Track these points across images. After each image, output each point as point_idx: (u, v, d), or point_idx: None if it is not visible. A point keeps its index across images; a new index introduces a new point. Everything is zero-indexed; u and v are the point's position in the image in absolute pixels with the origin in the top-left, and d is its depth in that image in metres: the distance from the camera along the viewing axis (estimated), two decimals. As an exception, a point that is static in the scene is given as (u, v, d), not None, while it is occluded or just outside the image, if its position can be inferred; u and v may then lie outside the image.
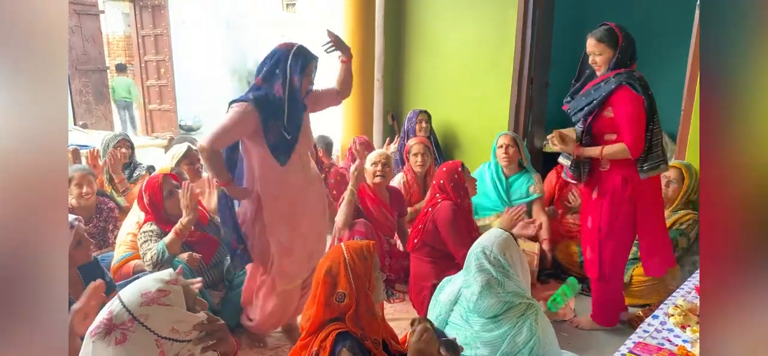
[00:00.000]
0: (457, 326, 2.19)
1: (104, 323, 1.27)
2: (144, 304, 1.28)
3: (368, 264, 1.81)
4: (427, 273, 3.00)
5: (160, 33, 9.25)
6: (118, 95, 9.70)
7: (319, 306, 1.79)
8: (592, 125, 2.65)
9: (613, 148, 2.59)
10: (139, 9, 9.23)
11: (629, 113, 2.53)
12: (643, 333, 2.04)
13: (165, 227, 2.69)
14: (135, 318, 1.26)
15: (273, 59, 2.41)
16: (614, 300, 2.90)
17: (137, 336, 1.26)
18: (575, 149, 2.70)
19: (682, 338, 2.01)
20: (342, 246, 1.84)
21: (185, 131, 10.33)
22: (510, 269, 2.11)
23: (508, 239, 2.18)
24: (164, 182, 2.76)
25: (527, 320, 2.05)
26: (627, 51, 2.57)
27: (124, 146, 3.81)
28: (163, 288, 1.32)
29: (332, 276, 1.79)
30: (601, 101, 2.57)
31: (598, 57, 2.61)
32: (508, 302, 2.10)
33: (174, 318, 1.31)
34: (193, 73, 10.98)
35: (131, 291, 1.32)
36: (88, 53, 8.92)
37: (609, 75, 2.57)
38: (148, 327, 1.27)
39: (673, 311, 2.16)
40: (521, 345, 2.04)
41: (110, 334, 1.25)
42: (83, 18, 8.82)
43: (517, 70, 4.38)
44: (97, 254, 2.57)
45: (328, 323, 1.78)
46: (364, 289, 1.78)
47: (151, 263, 2.55)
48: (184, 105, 10.18)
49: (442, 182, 3.02)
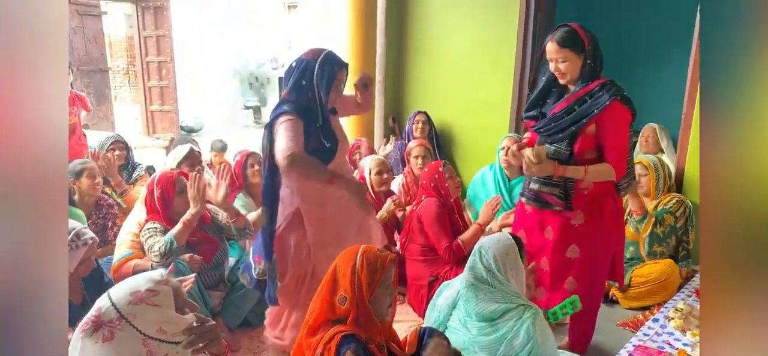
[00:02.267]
0: (456, 330, 2.18)
1: (92, 320, 1.27)
2: (132, 303, 1.28)
3: (376, 277, 1.76)
4: (421, 271, 3.08)
5: (162, 34, 9.26)
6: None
7: (323, 303, 1.76)
8: (574, 145, 2.31)
9: (599, 168, 2.29)
10: (142, 10, 9.24)
11: (619, 130, 2.28)
12: (644, 337, 2.04)
13: (167, 225, 2.70)
14: (122, 316, 1.26)
15: (299, 69, 2.30)
16: (591, 326, 2.66)
17: (124, 334, 1.26)
18: (556, 170, 2.31)
19: (683, 341, 2.01)
20: (359, 249, 1.79)
21: (186, 132, 10.34)
22: (500, 276, 2.08)
23: (508, 247, 2.14)
24: (178, 179, 2.78)
25: (525, 323, 2.03)
26: (597, 56, 2.28)
27: (118, 148, 3.82)
28: (153, 287, 1.32)
29: (338, 276, 1.76)
30: (591, 117, 2.24)
31: (561, 64, 2.28)
32: (503, 301, 2.09)
33: (162, 319, 1.30)
34: (195, 74, 11.01)
35: (121, 289, 1.32)
36: (90, 54, 8.93)
37: (592, 87, 2.26)
38: (135, 326, 1.26)
39: (673, 314, 2.16)
40: (519, 348, 2.02)
41: (98, 331, 1.25)
42: (85, 19, 8.83)
43: (519, 74, 4.38)
44: (100, 257, 2.57)
45: (332, 324, 1.76)
46: (363, 301, 1.74)
47: (158, 255, 2.54)
48: (185, 106, 10.19)
49: (424, 182, 3.14)
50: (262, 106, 12.85)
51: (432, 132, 4.73)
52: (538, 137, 2.43)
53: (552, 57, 2.31)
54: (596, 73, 2.28)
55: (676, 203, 3.26)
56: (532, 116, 2.44)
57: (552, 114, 2.34)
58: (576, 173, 2.30)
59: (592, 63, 2.26)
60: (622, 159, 2.29)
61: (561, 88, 2.37)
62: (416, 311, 3.09)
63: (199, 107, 11.13)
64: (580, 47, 2.26)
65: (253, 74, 13.21)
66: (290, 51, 12.99)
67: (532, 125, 2.44)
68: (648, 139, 4.41)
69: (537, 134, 2.43)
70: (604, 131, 2.27)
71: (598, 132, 2.28)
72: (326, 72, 2.27)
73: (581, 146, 2.30)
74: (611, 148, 2.27)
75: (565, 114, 2.30)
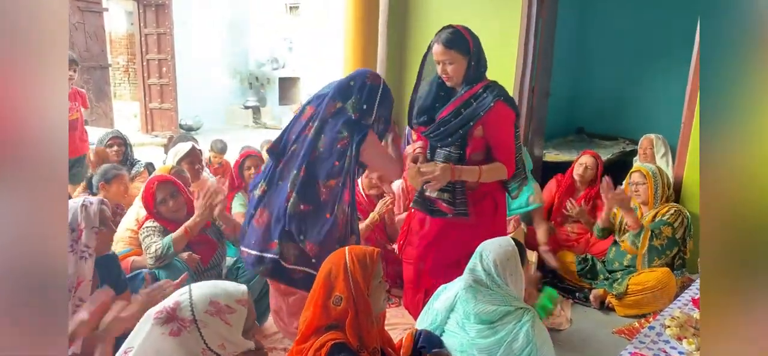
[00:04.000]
0: (453, 333, 2.18)
1: (168, 311, 1.32)
2: (209, 312, 1.33)
3: (369, 272, 1.78)
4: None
5: (163, 32, 9.28)
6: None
7: (316, 308, 1.76)
8: (466, 149, 2.34)
9: (492, 167, 2.34)
10: (143, 7, 9.26)
11: (504, 130, 2.33)
12: (639, 344, 2.04)
13: (167, 225, 2.69)
14: (195, 321, 1.31)
15: (364, 93, 2.31)
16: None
17: (190, 336, 1.30)
18: (452, 173, 2.31)
19: (678, 349, 2.02)
20: (345, 250, 1.81)
21: (185, 130, 10.33)
22: (500, 280, 2.08)
23: (510, 252, 2.14)
24: (158, 189, 2.72)
25: (524, 326, 2.03)
26: (481, 58, 2.33)
27: (117, 144, 3.81)
28: (232, 305, 1.36)
29: (331, 279, 1.76)
30: (477, 119, 2.28)
31: (449, 66, 2.31)
32: (501, 304, 2.08)
33: (228, 337, 1.35)
34: (195, 72, 11.00)
35: (203, 291, 1.36)
36: (90, 50, 8.94)
37: (476, 89, 2.30)
38: (203, 335, 1.31)
39: (669, 322, 2.16)
40: (517, 351, 2.02)
41: (169, 323, 1.30)
42: (87, 15, 8.84)
43: (519, 79, 4.39)
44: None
45: (325, 330, 1.75)
46: (362, 295, 1.75)
47: (153, 257, 2.53)
48: (184, 104, 10.19)
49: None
50: (261, 106, 12.85)
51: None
52: (428, 143, 2.48)
53: (439, 59, 2.35)
54: (480, 75, 2.33)
55: (673, 214, 3.20)
56: (421, 122, 2.46)
57: (439, 119, 2.37)
58: (471, 175, 2.34)
59: (476, 65, 2.31)
60: (510, 158, 2.36)
61: (448, 92, 2.41)
62: (412, 314, 3.08)
63: (198, 105, 11.12)
64: (465, 49, 2.31)
65: (253, 74, 13.22)
66: (291, 51, 13.01)
67: (422, 131, 2.46)
68: (646, 149, 4.42)
69: (427, 139, 2.47)
70: (491, 131, 2.33)
71: (485, 133, 2.33)
72: (387, 104, 2.37)
73: (472, 149, 2.35)
74: (499, 147, 2.34)
75: (452, 117, 2.33)
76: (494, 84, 2.33)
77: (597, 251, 3.59)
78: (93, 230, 1.99)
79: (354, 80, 2.34)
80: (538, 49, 4.34)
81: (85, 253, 1.95)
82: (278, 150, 2.38)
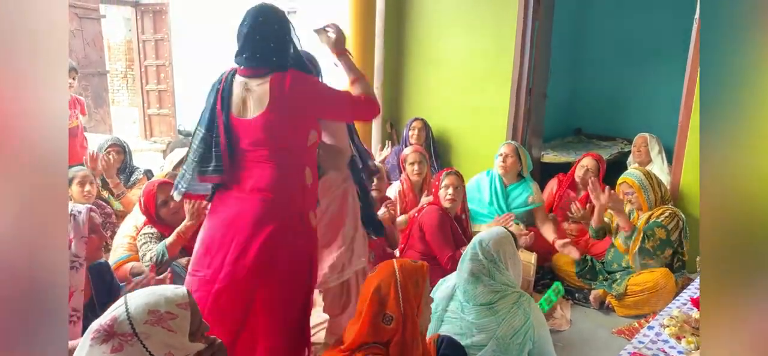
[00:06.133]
0: (453, 319, 2.23)
1: (105, 328, 1.25)
2: (148, 323, 1.27)
3: (420, 290, 1.72)
4: None
5: (161, 38, 9.28)
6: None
7: (365, 325, 1.68)
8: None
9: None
10: (141, 14, 9.27)
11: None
12: (639, 344, 2.04)
13: (164, 231, 2.70)
14: (136, 334, 1.25)
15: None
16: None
17: (133, 350, 1.24)
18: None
19: (677, 349, 2.02)
20: (394, 264, 1.74)
21: (184, 136, 10.32)
22: (501, 263, 2.18)
23: (505, 238, 2.25)
24: (159, 191, 2.76)
25: (521, 307, 2.13)
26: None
27: (115, 151, 3.81)
28: (173, 311, 1.30)
29: (381, 295, 1.69)
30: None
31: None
32: (500, 291, 2.16)
33: (173, 344, 1.30)
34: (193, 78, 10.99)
35: (140, 301, 1.29)
36: (88, 57, 8.94)
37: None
38: (147, 347, 1.25)
39: (668, 322, 2.16)
40: (518, 326, 2.10)
41: (109, 341, 1.24)
42: (84, 22, 8.84)
43: (516, 81, 4.40)
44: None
45: (368, 346, 1.67)
46: (412, 315, 1.68)
47: (149, 264, 2.56)
48: (183, 110, 10.19)
49: (433, 189, 3.23)
50: (259, 111, 12.79)
51: (429, 138, 4.73)
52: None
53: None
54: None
55: (668, 216, 3.18)
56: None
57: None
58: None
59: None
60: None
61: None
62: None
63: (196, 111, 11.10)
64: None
65: (252, 79, 13.18)
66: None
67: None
68: (640, 148, 4.42)
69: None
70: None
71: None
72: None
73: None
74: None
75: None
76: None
77: (596, 251, 3.59)
78: (82, 239, 2.00)
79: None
80: (535, 51, 4.35)
81: (75, 263, 1.95)
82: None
